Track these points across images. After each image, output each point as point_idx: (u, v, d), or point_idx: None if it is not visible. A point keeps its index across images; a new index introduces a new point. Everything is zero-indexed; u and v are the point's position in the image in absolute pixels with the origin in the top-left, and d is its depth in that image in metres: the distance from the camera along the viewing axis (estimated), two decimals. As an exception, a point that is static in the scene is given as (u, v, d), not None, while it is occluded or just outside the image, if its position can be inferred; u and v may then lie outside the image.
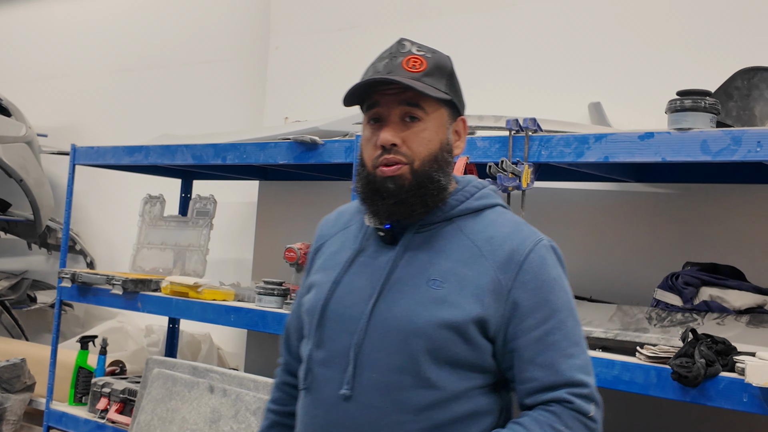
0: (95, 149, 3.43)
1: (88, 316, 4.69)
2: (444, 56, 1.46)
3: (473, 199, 1.46)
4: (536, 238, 1.42)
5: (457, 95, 1.46)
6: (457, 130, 1.47)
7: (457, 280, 1.36)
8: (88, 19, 4.98)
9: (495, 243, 1.39)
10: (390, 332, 1.35)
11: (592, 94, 2.84)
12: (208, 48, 4.38)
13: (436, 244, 1.41)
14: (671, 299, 2.22)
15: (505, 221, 1.45)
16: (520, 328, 1.36)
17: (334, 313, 1.42)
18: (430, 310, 1.35)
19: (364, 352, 1.36)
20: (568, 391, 1.34)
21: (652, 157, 2.02)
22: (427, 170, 1.38)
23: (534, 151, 2.22)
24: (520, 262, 1.37)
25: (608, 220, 2.79)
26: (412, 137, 1.38)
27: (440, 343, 1.34)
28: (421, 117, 1.39)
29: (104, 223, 4.67)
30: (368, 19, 3.59)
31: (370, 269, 1.42)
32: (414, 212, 1.39)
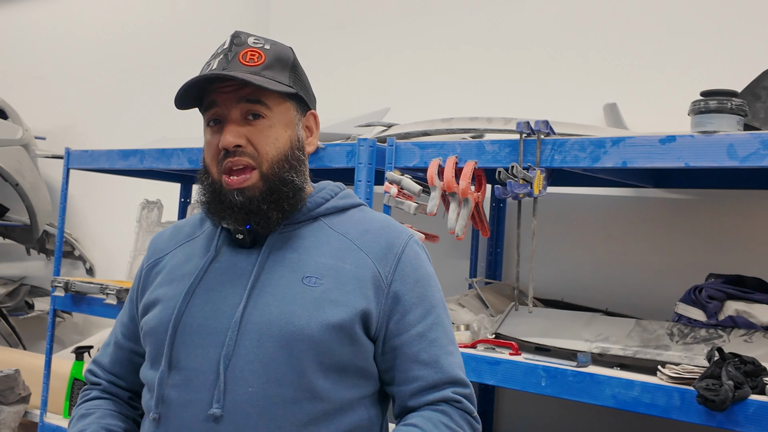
0: (89, 153, 3.32)
1: (87, 324, 4.58)
2: (285, 47, 1.36)
3: (337, 198, 1.39)
4: (408, 233, 1.37)
5: (303, 88, 1.36)
6: (308, 125, 1.38)
7: (336, 275, 1.26)
8: (85, 20, 4.88)
9: (370, 236, 1.32)
10: (266, 339, 1.21)
11: (607, 95, 2.70)
12: (206, 47, 4.25)
13: (304, 242, 1.31)
14: (694, 314, 2.08)
15: (374, 217, 1.39)
16: (402, 323, 1.29)
17: (191, 328, 1.26)
18: (311, 311, 1.23)
19: (235, 364, 1.20)
20: (453, 390, 1.29)
21: (674, 162, 1.88)
22: (278, 172, 1.28)
23: (546, 156, 2.09)
24: (397, 254, 1.31)
25: (625, 228, 2.65)
26: (257, 136, 1.27)
27: (326, 346, 1.22)
28: (265, 114, 1.28)
29: (103, 229, 4.56)
30: (370, 16, 3.47)
31: (231, 275, 1.28)
32: (270, 219, 1.28)
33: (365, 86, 3.42)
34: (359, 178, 2.45)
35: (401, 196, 2.34)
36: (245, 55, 1.29)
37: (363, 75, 3.45)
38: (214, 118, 1.31)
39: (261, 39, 1.34)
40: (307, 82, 1.39)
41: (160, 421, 1.25)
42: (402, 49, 3.34)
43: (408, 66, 3.31)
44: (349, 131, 2.76)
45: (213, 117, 1.30)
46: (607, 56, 2.79)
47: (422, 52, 3.29)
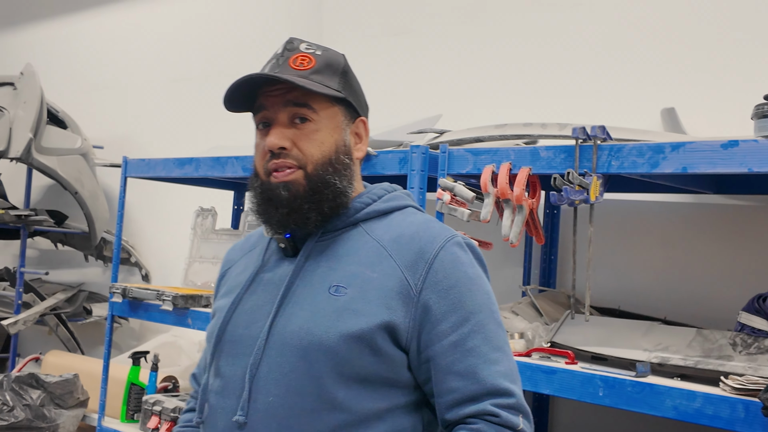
0: (146, 161, 3.38)
1: (144, 329, 4.66)
2: (337, 53, 1.36)
3: (380, 201, 1.35)
4: (447, 234, 1.29)
5: (353, 94, 1.35)
6: (357, 131, 1.36)
7: (361, 284, 1.23)
8: (141, 31, 4.98)
9: (402, 242, 1.27)
10: (287, 349, 1.22)
11: (664, 100, 2.64)
12: (259, 57, 4.30)
13: (339, 249, 1.29)
14: (758, 323, 2.01)
15: (414, 220, 1.33)
16: (434, 333, 1.22)
17: (232, 337, 1.30)
18: (331, 321, 1.21)
19: (260, 374, 1.22)
20: (492, 402, 1.20)
21: (737, 167, 1.83)
22: (321, 174, 1.28)
23: (603, 162, 2.05)
24: (429, 260, 1.24)
25: (685, 235, 2.59)
26: (302, 139, 1.28)
27: (345, 356, 1.20)
28: (311, 117, 1.29)
29: (158, 236, 4.64)
30: (423, 23, 3.46)
31: (269, 285, 1.31)
32: (309, 220, 1.28)
33: (417, 92, 3.42)
34: (412, 185, 2.44)
35: (454, 203, 2.33)
36: (296, 60, 1.30)
37: (415, 81, 3.45)
38: (263, 122, 1.32)
39: (314, 45, 1.35)
40: (358, 88, 1.38)
41: (204, 425, 1.30)
42: (454, 56, 3.33)
43: (460, 72, 3.29)
44: (401, 138, 2.76)
45: (262, 120, 1.32)
46: (664, 60, 2.73)
47: (475, 58, 3.27)
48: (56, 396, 3.56)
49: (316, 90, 1.27)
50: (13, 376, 3.53)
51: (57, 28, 5.51)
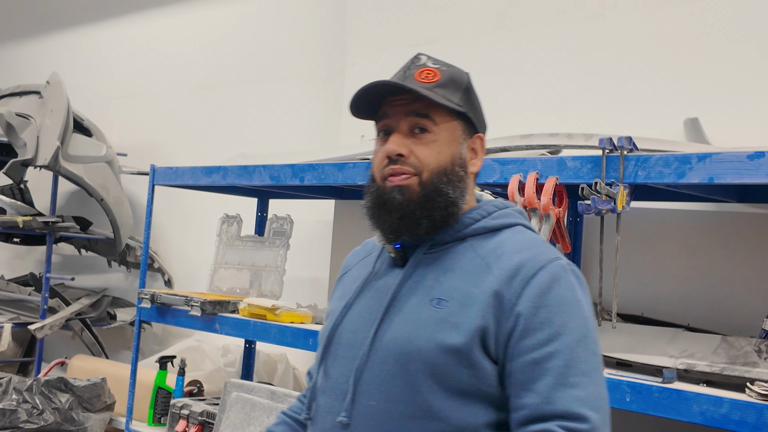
0: (173, 170, 3.44)
1: (166, 333, 4.73)
2: (461, 71, 1.40)
3: (490, 218, 1.37)
4: (552, 256, 1.30)
5: (473, 110, 1.40)
6: (474, 147, 1.40)
7: (462, 298, 1.27)
8: (165, 39, 5.05)
9: (504, 256, 1.30)
10: (388, 357, 1.27)
11: (687, 110, 2.68)
12: (284, 65, 4.37)
13: (445, 263, 1.33)
14: (783, 331, 2.05)
15: (521, 238, 1.34)
16: (518, 347, 1.23)
17: (341, 340, 1.37)
18: (430, 332, 1.26)
19: (364, 378, 1.29)
20: (560, 424, 1.18)
21: (763, 178, 1.87)
22: (435, 182, 1.32)
23: (630, 172, 2.09)
24: (528, 277, 1.26)
25: (709, 243, 2.63)
26: (420, 147, 1.33)
27: (441, 367, 1.23)
28: (431, 128, 1.33)
29: (182, 242, 4.70)
30: (446, 33, 3.51)
31: (378, 292, 1.36)
32: (420, 226, 1.32)
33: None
34: (439, 194, 2.49)
35: (482, 211, 2.38)
36: (421, 73, 1.35)
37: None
38: (384, 129, 1.37)
39: (439, 62, 1.39)
40: (478, 106, 1.42)
41: (312, 422, 1.38)
42: (478, 66, 3.36)
43: (485, 82, 3.32)
44: (427, 147, 2.80)
45: (383, 128, 1.37)
46: (688, 71, 2.77)
47: (499, 68, 3.31)
48: (84, 400, 3.62)
49: (439, 102, 1.32)
50: (42, 380, 3.60)
51: (81, 37, 5.59)
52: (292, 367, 3.98)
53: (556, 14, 3.16)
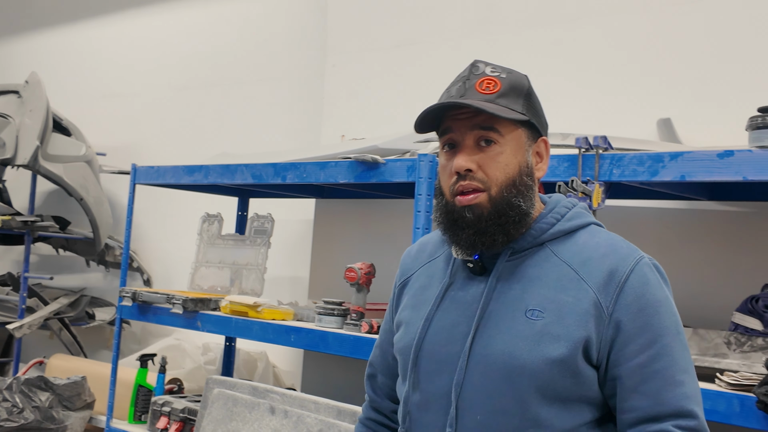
0: (155, 169, 3.45)
1: (145, 332, 4.73)
2: (521, 75, 1.40)
3: (564, 220, 1.38)
4: (636, 256, 1.33)
5: (536, 115, 1.39)
6: (539, 151, 1.40)
7: (557, 308, 1.29)
8: (147, 39, 5.06)
9: (592, 264, 1.31)
10: (491, 371, 1.29)
11: (660, 110, 2.76)
12: (264, 66, 4.41)
13: (529, 272, 1.34)
14: (751, 323, 2.13)
15: (600, 241, 1.36)
16: (622, 354, 1.27)
17: (429, 353, 1.36)
18: (532, 345, 1.28)
19: (465, 392, 1.30)
20: (674, 423, 1.24)
21: (733, 176, 1.95)
22: (506, 196, 1.32)
23: (605, 170, 2.16)
24: (620, 282, 1.29)
25: (681, 240, 2.71)
26: (488, 162, 1.32)
27: (547, 379, 1.26)
28: (497, 140, 1.33)
29: (161, 241, 4.71)
30: (427, 35, 3.56)
31: (462, 304, 1.36)
32: (496, 241, 1.34)
33: (422, 103, 3.51)
34: (419, 192, 2.54)
35: (462, 209, 2.43)
36: (482, 84, 1.34)
37: (419, 92, 3.55)
38: (449, 143, 1.37)
39: (498, 68, 1.38)
40: (540, 109, 1.41)
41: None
42: (458, 68, 3.43)
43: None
44: (407, 146, 2.85)
45: (448, 141, 1.37)
46: (661, 73, 2.85)
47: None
48: (64, 398, 3.62)
49: (503, 115, 1.31)
50: (22, 378, 3.60)
51: (61, 37, 5.58)
52: (271, 365, 4.01)
53: (535, 18, 3.23)
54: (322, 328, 2.80)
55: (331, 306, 2.84)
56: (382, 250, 3.36)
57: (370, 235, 3.57)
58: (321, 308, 2.86)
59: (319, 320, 2.86)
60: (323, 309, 2.85)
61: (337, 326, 2.80)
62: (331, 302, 2.86)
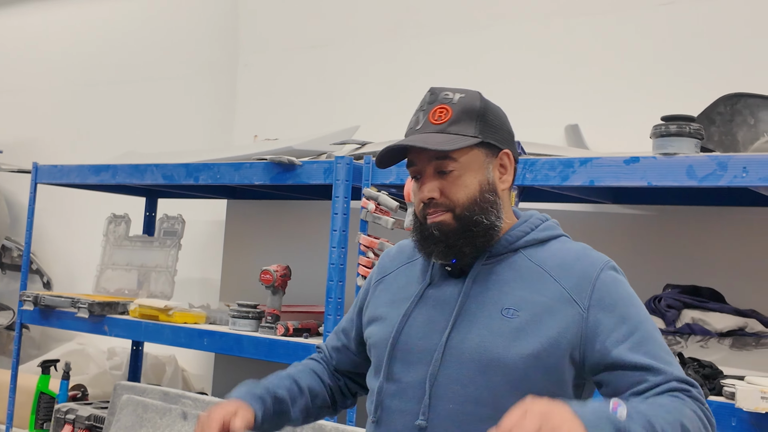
0: (59, 168, 3.33)
1: (45, 337, 4.55)
2: (473, 96, 1.45)
3: (538, 230, 1.46)
4: (605, 259, 1.42)
5: (492, 131, 1.44)
6: (503, 164, 1.45)
7: (532, 308, 1.36)
8: (50, 32, 4.86)
9: (566, 267, 1.40)
10: (466, 363, 1.35)
11: (568, 116, 2.86)
12: (174, 63, 4.31)
13: (505, 274, 1.41)
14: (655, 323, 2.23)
15: (572, 248, 1.46)
16: (609, 342, 1.33)
17: (406, 346, 1.43)
18: (508, 342, 1.34)
19: (439, 383, 1.36)
20: (679, 386, 1.29)
21: (638, 181, 2.04)
22: (468, 215, 1.40)
23: (518, 175, 2.22)
24: (592, 281, 1.37)
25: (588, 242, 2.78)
26: (448, 187, 1.41)
27: (522, 374, 1.33)
28: (453, 166, 1.40)
29: (64, 242, 4.54)
30: (341, 36, 3.57)
31: (440, 302, 1.43)
32: (465, 254, 1.41)
33: (336, 104, 3.52)
34: (336, 194, 2.55)
35: (378, 211, 2.45)
36: (434, 113, 1.42)
37: (334, 93, 3.55)
38: (414, 175, 1.45)
39: (451, 91, 1.45)
40: (498, 122, 1.46)
41: (378, 424, 1.44)
42: (372, 69, 3.45)
43: (378, 85, 3.42)
44: (322, 148, 2.85)
45: (413, 173, 1.45)
46: (568, 80, 2.95)
47: (392, 72, 3.40)
48: (-42, 408, 3.44)
49: (448, 149, 1.37)
50: None
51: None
52: (181, 369, 3.92)
53: (449, 23, 3.28)
54: (236, 331, 2.76)
55: (245, 309, 2.81)
56: (296, 252, 3.34)
57: (284, 236, 3.54)
58: (235, 311, 2.82)
59: (233, 323, 2.82)
60: (237, 312, 2.81)
61: (252, 329, 2.77)
62: (246, 305, 2.82)
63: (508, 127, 1.49)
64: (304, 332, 2.71)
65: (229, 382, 3.67)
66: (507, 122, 1.49)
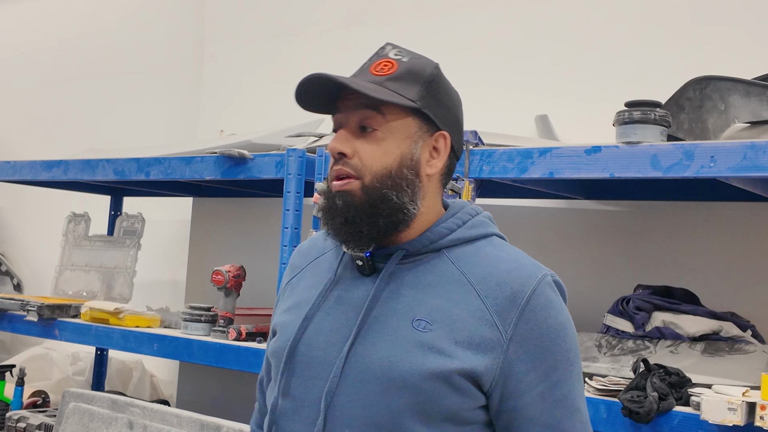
0: (11, 164, 3.19)
1: (15, 341, 4.41)
2: (426, 62, 1.27)
3: (466, 227, 1.27)
4: (539, 274, 1.22)
5: (436, 106, 1.25)
6: (436, 146, 1.26)
7: (448, 322, 1.17)
8: (8, 28, 4.74)
9: (493, 281, 1.20)
10: (368, 381, 1.16)
11: (538, 106, 2.70)
12: (138, 57, 4.17)
13: (424, 278, 1.22)
14: (622, 325, 2.07)
15: (504, 255, 1.25)
16: (522, 382, 1.17)
17: (304, 357, 1.23)
18: (415, 357, 1.15)
19: (337, 402, 1.17)
20: None
21: (600, 172, 1.88)
22: (378, 187, 1.20)
23: (475, 167, 2.07)
24: (521, 305, 1.18)
25: (556, 240, 2.65)
26: (364, 148, 1.21)
27: (427, 396, 1.15)
28: (378, 126, 1.21)
29: (31, 243, 4.41)
30: (307, 26, 3.43)
31: (347, 305, 1.23)
32: (362, 233, 1.21)
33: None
34: (288, 189, 2.40)
35: (330, 207, 2.30)
36: (378, 65, 1.24)
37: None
38: (335, 125, 1.26)
39: (405, 52, 1.27)
40: (447, 101, 1.28)
41: None
42: (336, 60, 3.30)
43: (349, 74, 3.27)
44: (279, 142, 2.70)
45: (335, 124, 1.26)
46: (538, 69, 2.80)
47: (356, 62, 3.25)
48: None
49: (380, 98, 1.19)
50: None
51: None
52: (149, 374, 3.78)
53: (415, 10, 3.13)
54: (188, 335, 2.62)
55: (198, 312, 2.66)
56: (259, 251, 3.20)
57: (247, 235, 3.40)
58: (187, 314, 2.68)
59: (185, 327, 2.67)
60: (189, 315, 2.67)
61: (204, 333, 2.62)
62: (198, 308, 2.68)
63: (457, 114, 1.31)
64: (258, 336, 2.56)
65: (194, 389, 3.54)
66: (458, 108, 1.31)
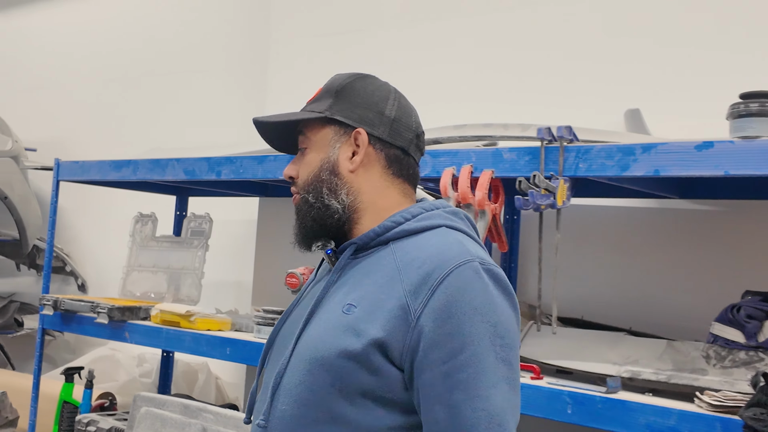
0: (80, 164, 3.17)
1: (80, 342, 4.41)
2: (341, 76, 1.40)
3: (414, 220, 1.32)
4: (463, 259, 1.23)
5: (346, 110, 1.36)
6: (357, 143, 1.36)
7: (369, 305, 1.25)
8: (74, 29, 4.75)
9: (414, 265, 1.25)
10: (301, 362, 1.28)
11: (627, 101, 2.55)
12: (204, 56, 4.12)
13: (365, 269, 1.31)
14: (732, 335, 1.92)
15: (437, 241, 1.28)
16: (426, 361, 1.19)
17: (276, 345, 1.40)
18: (334, 338, 1.25)
19: (282, 383, 1.30)
20: None
21: (712, 170, 1.74)
22: (305, 195, 1.37)
23: (570, 164, 1.94)
24: (433, 286, 1.21)
25: (652, 242, 2.49)
26: (301, 167, 1.39)
27: (342, 373, 1.23)
28: (308, 144, 1.38)
29: (95, 243, 4.40)
30: (372, 22, 3.34)
31: (311, 298, 1.37)
32: (298, 235, 1.38)
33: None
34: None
35: (412, 208, 2.20)
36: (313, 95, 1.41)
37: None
38: None
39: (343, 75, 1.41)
40: (359, 101, 1.37)
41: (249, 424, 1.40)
42: (409, 55, 3.20)
43: (415, 72, 3.16)
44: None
45: None
46: (627, 61, 2.65)
47: (430, 57, 3.15)
48: (-18, 416, 3.31)
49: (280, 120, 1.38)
50: (-66, 395, 3.28)
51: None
52: (214, 377, 3.73)
53: (488, 4, 3.01)
54: (261, 339, 2.54)
55: (271, 315, 2.59)
56: (328, 252, 3.11)
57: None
58: (260, 318, 2.61)
59: (257, 331, 2.60)
60: (262, 319, 2.60)
61: (278, 337, 2.54)
62: (272, 311, 2.60)
63: (378, 108, 1.36)
64: (333, 341, 2.47)
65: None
66: (381, 103, 1.37)
